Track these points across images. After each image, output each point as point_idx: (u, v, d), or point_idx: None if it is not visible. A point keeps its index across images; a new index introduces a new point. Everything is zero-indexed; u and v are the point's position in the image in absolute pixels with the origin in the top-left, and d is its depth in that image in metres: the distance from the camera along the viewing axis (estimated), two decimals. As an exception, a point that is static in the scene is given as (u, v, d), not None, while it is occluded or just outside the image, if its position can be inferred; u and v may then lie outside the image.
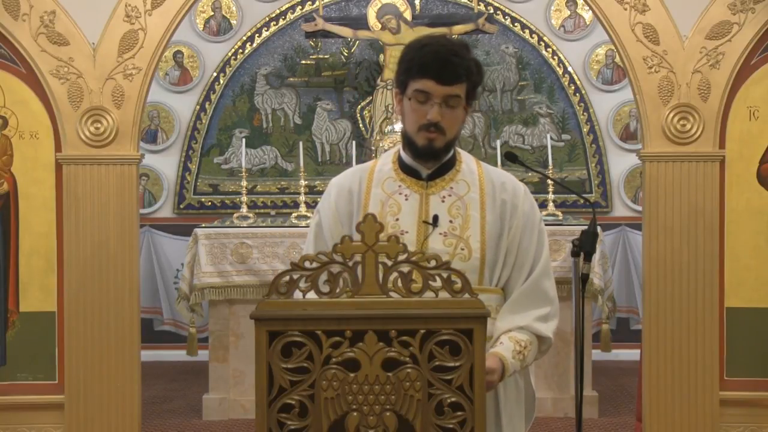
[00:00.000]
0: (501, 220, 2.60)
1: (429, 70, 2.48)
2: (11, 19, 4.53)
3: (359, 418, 2.04)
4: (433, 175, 2.62)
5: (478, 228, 2.57)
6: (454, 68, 2.49)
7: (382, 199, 2.60)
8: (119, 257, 4.58)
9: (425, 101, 2.50)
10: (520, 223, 2.61)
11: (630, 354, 7.10)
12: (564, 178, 7.65)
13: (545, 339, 2.58)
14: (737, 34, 4.49)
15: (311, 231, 2.68)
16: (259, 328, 2.05)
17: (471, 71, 2.53)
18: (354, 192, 2.64)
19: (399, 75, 2.57)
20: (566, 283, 5.93)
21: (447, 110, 2.51)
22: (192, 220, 7.51)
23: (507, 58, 7.79)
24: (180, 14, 4.62)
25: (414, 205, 2.59)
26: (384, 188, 2.62)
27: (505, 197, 2.62)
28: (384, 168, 2.66)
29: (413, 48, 2.54)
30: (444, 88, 2.49)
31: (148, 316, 7.54)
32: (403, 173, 2.63)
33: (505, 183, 2.65)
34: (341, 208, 2.63)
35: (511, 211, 2.61)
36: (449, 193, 2.61)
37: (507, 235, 2.60)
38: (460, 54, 2.51)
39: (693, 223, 4.52)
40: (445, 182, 2.62)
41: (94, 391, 4.58)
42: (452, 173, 2.63)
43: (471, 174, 2.65)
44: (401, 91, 2.57)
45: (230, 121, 7.88)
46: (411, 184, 2.62)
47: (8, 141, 4.63)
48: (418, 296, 2.07)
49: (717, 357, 4.54)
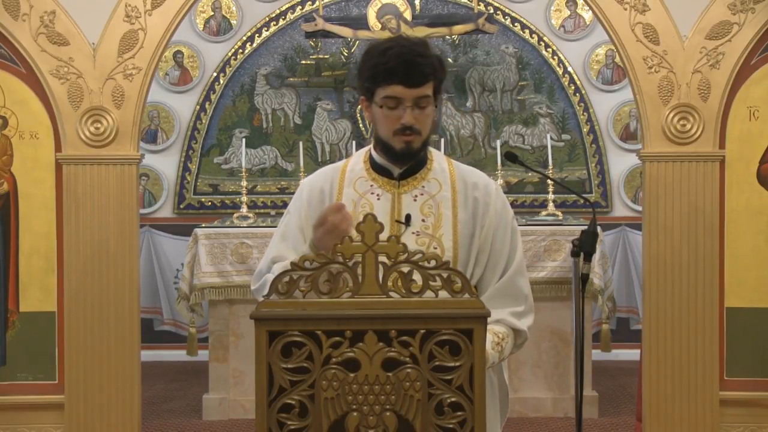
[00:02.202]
0: (473, 218, 2.60)
1: (396, 75, 2.46)
2: (11, 19, 4.53)
3: (359, 418, 2.04)
4: (405, 174, 2.61)
5: (450, 226, 2.57)
6: (421, 69, 2.47)
7: (354, 198, 2.60)
8: (119, 257, 4.58)
9: (396, 106, 2.49)
10: (493, 221, 2.61)
11: (630, 354, 7.10)
12: (564, 178, 7.65)
13: (521, 332, 2.61)
14: (737, 34, 4.49)
15: (278, 231, 2.67)
16: (259, 328, 2.05)
17: (436, 69, 2.52)
18: (326, 192, 2.63)
19: (363, 82, 2.54)
20: (566, 283, 5.93)
21: (419, 111, 2.50)
22: (192, 220, 7.51)
23: (507, 58, 7.79)
24: (180, 14, 4.62)
25: (386, 204, 2.59)
26: (356, 188, 2.62)
27: (477, 195, 2.62)
28: (356, 168, 2.65)
29: (374, 54, 2.51)
30: (413, 90, 2.47)
31: (148, 316, 7.54)
32: (374, 173, 2.63)
33: (477, 182, 2.65)
34: (313, 208, 2.61)
35: (483, 210, 2.61)
36: (421, 192, 2.60)
37: (480, 233, 2.60)
38: (424, 53, 2.49)
39: (693, 223, 4.52)
40: (416, 181, 2.62)
41: (94, 391, 4.58)
42: (424, 172, 2.63)
43: (443, 172, 2.64)
44: (368, 98, 2.55)
45: (230, 121, 7.88)
46: (383, 184, 2.61)
47: (8, 141, 4.64)
48: (418, 296, 2.07)
49: (717, 357, 4.54)
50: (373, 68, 2.50)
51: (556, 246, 5.99)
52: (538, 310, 6.42)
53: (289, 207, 2.70)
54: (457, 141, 7.77)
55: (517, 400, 6.00)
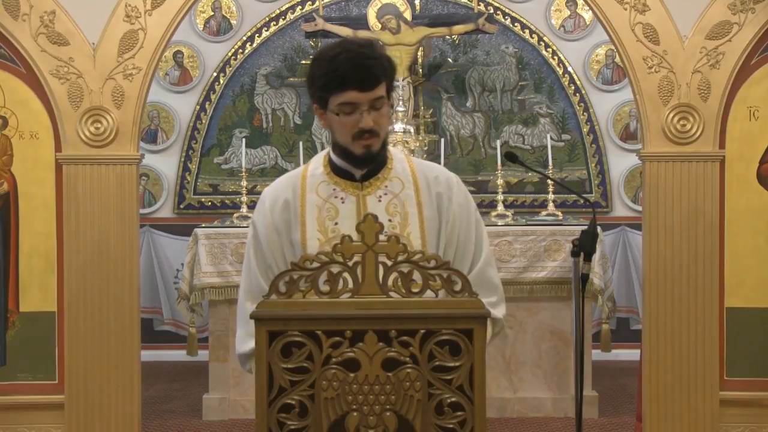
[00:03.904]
0: (438, 213, 2.61)
1: (349, 81, 2.45)
2: (11, 19, 4.53)
3: (359, 418, 2.04)
4: (367, 175, 2.61)
5: (417, 224, 2.58)
6: (373, 72, 2.47)
7: (318, 203, 2.59)
8: (119, 257, 4.58)
9: (352, 111, 2.48)
10: (457, 214, 2.62)
11: (630, 354, 7.09)
12: (564, 178, 7.65)
13: (497, 321, 2.61)
14: (737, 34, 4.49)
15: (249, 244, 2.64)
16: (259, 328, 2.05)
17: (386, 69, 2.52)
18: (289, 200, 2.61)
19: (315, 91, 2.53)
20: (566, 283, 5.94)
21: (375, 113, 2.50)
22: (192, 220, 7.50)
23: (507, 58, 7.79)
24: (180, 14, 4.62)
25: (351, 207, 2.59)
26: (319, 193, 2.61)
27: (440, 190, 2.63)
28: (315, 172, 2.64)
29: (323, 61, 2.50)
30: (368, 94, 2.47)
31: (148, 316, 7.54)
32: (336, 176, 2.62)
33: (438, 176, 2.66)
34: (277, 218, 2.60)
35: (447, 204, 2.62)
36: (385, 192, 2.61)
37: (445, 228, 2.61)
38: (373, 55, 2.49)
39: (693, 223, 4.52)
40: (379, 182, 2.62)
41: (94, 391, 4.58)
42: (385, 171, 2.63)
43: (404, 171, 2.65)
44: (321, 105, 2.53)
45: (230, 121, 7.88)
46: (346, 187, 2.61)
47: (8, 141, 4.64)
48: (418, 296, 2.07)
49: (717, 357, 4.54)
50: (325, 76, 2.48)
51: (556, 246, 5.99)
52: (538, 310, 6.46)
53: (253, 219, 2.66)
54: (457, 141, 7.77)
55: (517, 400, 6.01)
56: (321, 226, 2.56)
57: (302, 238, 2.56)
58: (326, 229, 2.56)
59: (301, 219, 2.58)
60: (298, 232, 2.57)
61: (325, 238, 2.55)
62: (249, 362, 2.54)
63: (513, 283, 5.93)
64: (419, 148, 6.72)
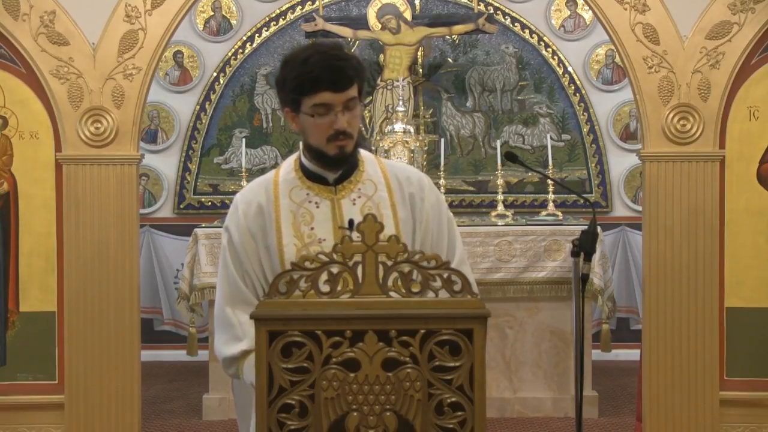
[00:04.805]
0: (412, 214, 2.62)
1: (322, 82, 2.46)
2: (11, 19, 4.53)
3: (359, 418, 2.04)
4: (340, 178, 2.62)
5: (392, 226, 2.58)
6: (345, 73, 2.48)
7: (293, 209, 2.59)
8: (119, 257, 4.58)
9: (326, 113, 2.49)
10: (429, 214, 2.64)
11: (630, 354, 7.10)
12: (564, 178, 7.65)
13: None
14: (737, 34, 4.49)
15: (224, 250, 2.63)
16: (259, 328, 2.05)
17: (358, 69, 2.53)
18: (262, 205, 2.61)
19: (288, 94, 2.53)
20: (566, 283, 5.94)
21: (348, 114, 2.51)
22: (192, 220, 7.50)
23: (507, 58, 7.79)
24: (180, 14, 4.62)
25: (326, 211, 2.59)
26: (292, 197, 2.61)
27: (412, 191, 2.64)
28: (287, 177, 2.64)
29: (294, 64, 2.51)
30: (341, 95, 2.48)
31: (148, 316, 7.54)
32: (308, 181, 2.62)
33: (410, 177, 2.67)
34: (251, 223, 2.60)
35: (419, 204, 2.63)
36: (359, 195, 2.61)
37: (419, 228, 2.62)
38: (344, 57, 2.51)
39: (693, 223, 4.52)
40: (352, 185, 2.62)
41: (94, 391, 4.58)
42: (357, 174, 2.64)
43: (375, 173, 2.65)
44: (293, 108, 2.54)
45: (230, 121, 7.88)
46: (319, 191, 2.61)
47: (8, 141, 4.64)
48: (418, 296, 2.07)
49: (717, 357, 4.54)
50: (297, 79, 2.49)
51: (556, 246, 5.99)
52: (538, 310, 6.45)
53: (227, 224, 2.65)
54: (457, 141, 7.77)
55: (517, 400, 6.01)
56: (297, 231, 2.56)
57: (278, 244, 2.56)
58: (302, 234, 2.56)
59: (276, 224, 2.58)
60: (274, 237, 2.57)
61: (302, 244, 2.55)
62: (234, 366, 2.54)
63: (513, 283, 5.94)
64: (419, 148, 6.71)
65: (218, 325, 2.63)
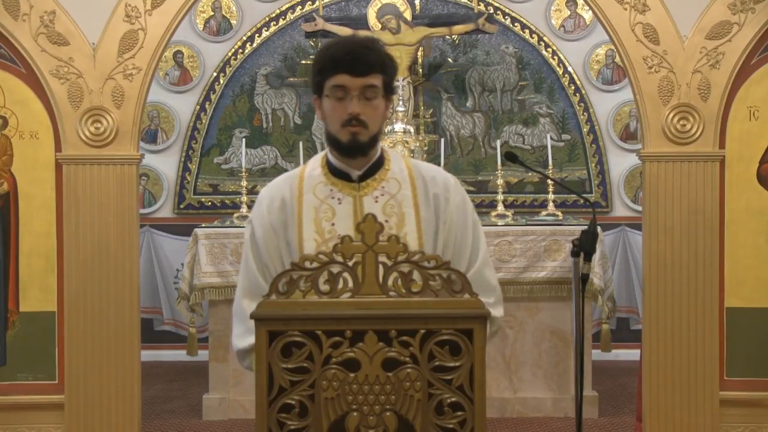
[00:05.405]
0: (435, 214, 2.61)
1: (341, 64, 2.49)
2: (11, 19, 4.53)
3: (359, 418, 2.04)
4: (364, 176, 2.62)
5: (414, 224, 2.58)
6: (366, 58, 2.50)
7: (315, 204, 2.60)
8: (119, 257, 4.58)
9: (343, 97, 2.51)
10: (454, 216, 2.62)
11: (630, 354, 7.10)
12: (564, 178, 7.65)
13: (494, 319, 2.60)
14: (737, 34, 4.49)
15: (247, 243, 2.64)
16: (259, 328, 2.06)
17: (383, 61, 2.54)
18: (286, 200, 2.62)
19: (314, 79, 2.58)
20: (566, 283, 5.93)
21: (365, 102, 2.51)
22: (192, 220, 7.50)
23: (507, 58, 7.79)
24: (180, 14, 4.62)
25: (348, 208, 2.59)
26: (316, 193, 2.61)
27: (437, 191, 2.63)
28: (313, 173, 2.65)
29: (322, 51, 2.58)
30: (359, 79, 2.49)
31: (148, 316, 7.54)
32: (333, 177, 2.63)
33: (435, 177, 2.66)
34: (274, 218, 2.61)
35: (444, 205, 2.62)
36: (381, 193, 2.61)
37: (443, 228, 2.61)
38: (370, 46, 2.53)
39: (693, 223, 4.52)
40: (376, 182, 2.62)
41: (94, 391, 4.58)
42: (382, 172, 2.63)
43: (401, 172, 2.65)
44: (318, 94, 2.58)
45: (230, 121, 7.88)
46: (343, 188, 2.61)
47: (8, 141, 4.64)
48: (418, 296, 2.07)
49: (717, 357, 4.54)
50: (320, 62, 2.55)
51: (556, 246, 5.99)
52: (538, 310, 6.45)
53: (251, 217, 2.67)
54: (457, 141, 7.77)
55: (517, 400, 6.01)
56: (318, 227, 2.56)
57: (299, 238, 2.56)
58: (323, 230, 2.56)
59: (297, 220, 2.58)
60: (295, 232, 2.57)
61: (322, 239, 2.55)
62: (248, 358, 2.54)
63: (513, 283, 5.93)
64: (419, 148, 6.71)
65: (235, 317, 2.64)
